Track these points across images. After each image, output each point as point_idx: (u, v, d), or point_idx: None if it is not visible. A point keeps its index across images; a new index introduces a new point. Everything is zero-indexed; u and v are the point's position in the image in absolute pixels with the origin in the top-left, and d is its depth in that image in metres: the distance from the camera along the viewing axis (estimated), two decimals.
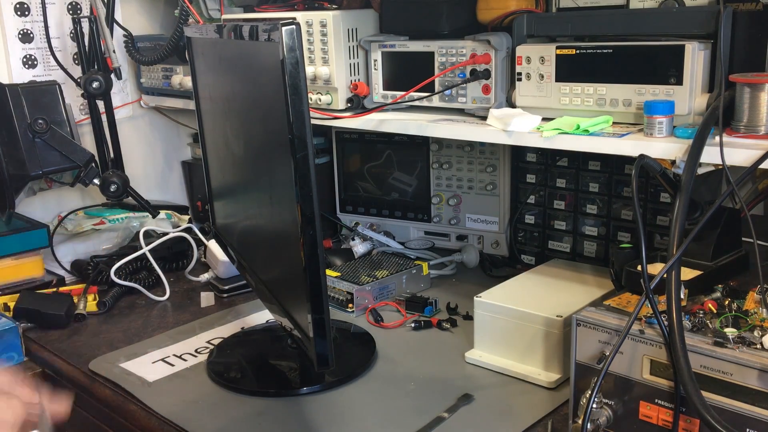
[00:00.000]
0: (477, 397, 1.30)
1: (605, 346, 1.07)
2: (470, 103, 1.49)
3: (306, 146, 1.08)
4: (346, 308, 1.67)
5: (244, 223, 1.55)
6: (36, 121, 1.75)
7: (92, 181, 1.86)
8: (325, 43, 1.60)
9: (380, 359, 1.46)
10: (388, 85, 1.61)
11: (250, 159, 1.40)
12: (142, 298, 1.82)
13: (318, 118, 1.62)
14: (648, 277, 1.03)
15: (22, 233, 1.84)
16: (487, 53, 1.45)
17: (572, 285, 1.46)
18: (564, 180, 1.75)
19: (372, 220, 2.06)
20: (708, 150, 1.12)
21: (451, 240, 1.97)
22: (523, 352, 1.36)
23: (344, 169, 2.09)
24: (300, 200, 1.11)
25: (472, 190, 1.90)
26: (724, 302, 1.07)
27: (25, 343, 1.58)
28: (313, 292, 1.14)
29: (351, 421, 1.26)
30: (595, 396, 1.04)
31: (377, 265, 1.79)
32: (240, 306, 1.75)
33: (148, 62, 1.98)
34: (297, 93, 1.06)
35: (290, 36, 1.04)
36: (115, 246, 1.98)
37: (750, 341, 0.96)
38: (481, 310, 1.40)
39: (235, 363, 1.47)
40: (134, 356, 1.51)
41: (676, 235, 1.06)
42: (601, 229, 1.71)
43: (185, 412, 1.30)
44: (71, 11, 2.04)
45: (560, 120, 1.32)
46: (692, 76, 1.21)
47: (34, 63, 2.00)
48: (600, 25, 1.34)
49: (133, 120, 2.24)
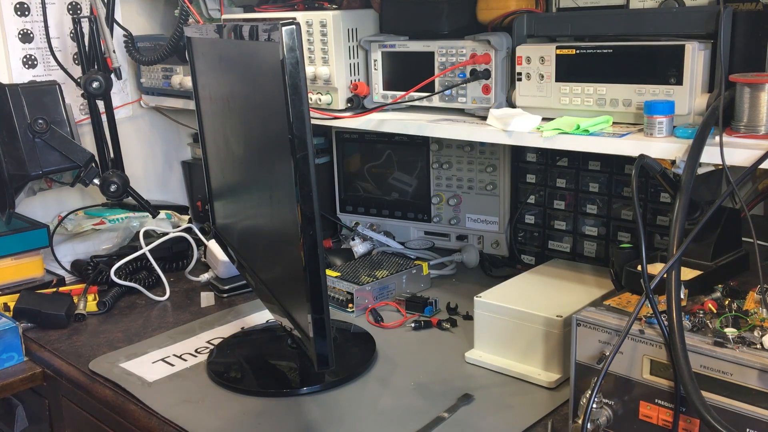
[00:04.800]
0: (477, 397, 1.30)
1: (605, 346, 1.07)
2: (470, 103, 1.49)
3: (306, 146, 1.08)
4: (346, 308, 1.67)
5: (244, 223, 1.55)
6: (36, 121, 1.75)
7: (92, 181, 1.86)
8: (325, 43, 1.60)
9: (380, 359, 1.46)
10: (388, 85, 1.61)
11: (250, 159, 1.40)
12: (142, 298, 1.82)
13: (318, 118, 1.62)
14: (648, 277, 1.03)
15: (22, 233, 1.84)
16: (487, 53, 1.45)
17: (572, 285, 1.46)
18: (564, 180, 1.75)
19: (372, 220, 2.06)
20: (708, 150, 1.12)
21: (451, 240, 1.97)
22: (523, 352, 1.36)
23: (344, 169, 2.09)
24: (300, 200, 1.11)
25: (472, 190, 1.90)
26: (724, 302, 1.07)
27: (25, 343, 1.58)
28: (313, 292, 1.14)
29: (351, 421, 1.26)
30: (595, 396, 1.04)
31: (377, 265, 1.79)
32: (240, 306, 1.75)
33: (148, 62, 1.98)
34: (297, 93, 1.06)
35: (290, 36, 1.04)
36: (115, 246, 1.98)
37: (750, 341, 0.96)
38: (481, 310, 1.41)
39: (235, 363, 1.47)
40: (134, 356, 1.51)
41: (676, 235, 1.06)
42: (601, 229, 1.71)
43: (185, 412, 1.30)
44: (71, 11, 2.04)
45: (560, 120, 1.32)
46: (692, 76, 1.21)
47: (34, 63, 2.00)
48: (600, 25, 1.34)
49: (133, 120, 2.24)
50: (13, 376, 1.52)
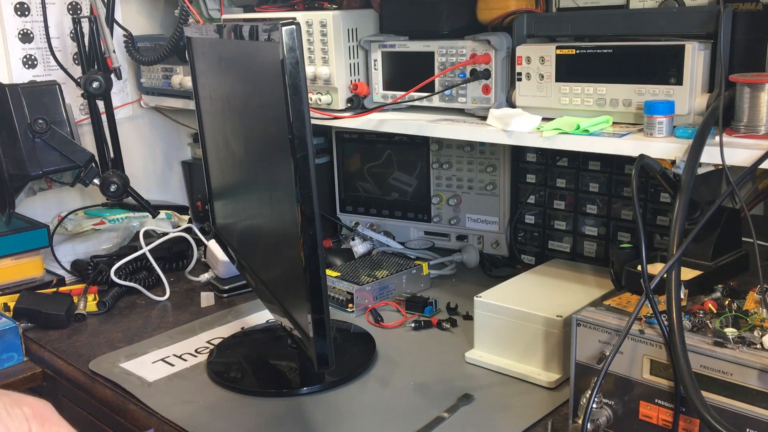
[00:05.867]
0: (477, 397, 1.30)
1: (605, 346, 1.07)
2: (470, 103, 1.49)
3: (306, 146, 1.08)
4: (346, 308, 1.67)
5: (244, 223, 1.55)
6: (36, 121, 1.75)
7: (92, 181, 1.86)
8: (325, 43, 1.60)
9: (380, 359, 1.45)
10: (388, 85, 1.61)
11: (250, 159, 1.40)
12: (142, 298, 1.82)
13: (318, 118, 1.62)
14: (648, 277, 1.03)
15: (22, 233, 1.84)
16: (487, 53, 1.45)
17: (572, 285, 1.46)
18: (564, 180, 1.75)
19: (372, 220, 2.06)
20: (708, 150, 1.12)
21: (451, 240, 1.97)
22: (523, 352, 1.36)
23: (344, 169, 2.09)
24: (300, 200, 1.11)
25: (472, 190, 1.90)
26: (724, 302, 1.07)
27: (25, 343, 1.58)
28: (313, 292, 1.14)
29: (351, 421, 1.26)
30: (595, 396, 1.04)
31: (377, 265, 1.79)
32: (240, 306, 1.75)
33: (148, 62, 1.98)
34: (297, 93, 1.06)
35: (290, 36, 1.04)
36: (115, 246, 1.98)
37: (750, 341, 0.96)
38: (481, 310, 1.40)
39: (235, 363, 1.47)
40: (134, 356, 1.51)
41: (676, 235, 1.06)
42: (601, 229, 1.71)
43: (185, 412, 1.30)
44: (71, 11, 2.04)
45: (560, 120, 1.32)
46: (692, 76, 1.21)
47: (34, 63, 2.00)
48: (600, 25, 1.34)
49: (133, 120, 2.24)
50: (13, 376, 1.52)
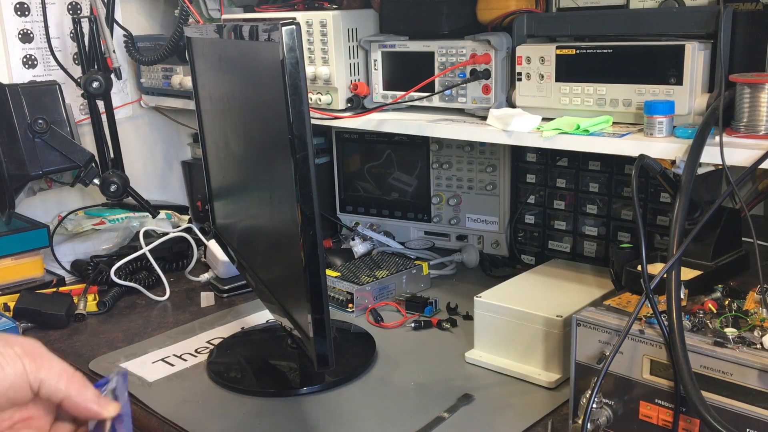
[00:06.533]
0: (477, 397, 1.30)
1: (605, 346, 1.07)
2: (470, 103, 1.49)
3: (306, 146, 1.08)
4: (346, 308, 1.67)
5: (244, 223, 1.55)
6: (36, 121, 1.75)
7: (92, 181, 1.86)
8: (325, 43, 1.60)
9: (380, 359, 1.45)
10: (388, 85, 1.61)
11: (250, 159, 1.40)
12: (142, 298, 1.82)
13: (318, 118, 1.62)
14: (648, 277, 1.03)
15: (22, 233, 1.84)
16: (487, 53, 1.45)
17: (572, 285, 1.46)
18: (564, 180, 1.75)
19: (372, 220, 2.06)
20: (708, 150, 1.12)
21: (451, 240, 1.97)
22: (523, 352, 1.36)
23: (344, 169, 2.09)
24: (300, 200, 1.11)
25: (472, 190, 1.90)
26: (724, 302, 1.07)
27: None
28: (313, 292, 1.14)
29: (351, 421, 1.26)
30: (595, 396, 1.04)
31: (377, 265, 1.79)
32: (240, 306, 1.75)
33: (148, 62, 1.98)
34: (297, 93, 1.06)
35: (290, 36, 1.04)
36: (115, 246, 1.98)
37: (750, 341, 0.96)
38: (481, 310, 1.40)
39: (235, 363, 1.46)
40: (134, 356, 1.51)
41: (676, 235, 1.06)
42: (601, 229, 1.71)
43: (185, 412, 1.30)
44: (71, 11, 2.04)
45: (560, 120, 1.32)
46: (692, 76, 1.21)
47: (34, 63, 2.00)
48: (600, 25, 1.34)
49: (133, 120, 2.24)
50: None
